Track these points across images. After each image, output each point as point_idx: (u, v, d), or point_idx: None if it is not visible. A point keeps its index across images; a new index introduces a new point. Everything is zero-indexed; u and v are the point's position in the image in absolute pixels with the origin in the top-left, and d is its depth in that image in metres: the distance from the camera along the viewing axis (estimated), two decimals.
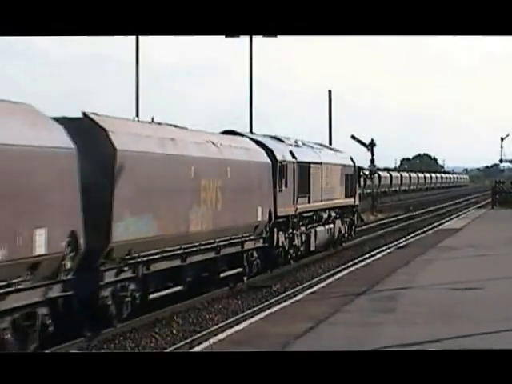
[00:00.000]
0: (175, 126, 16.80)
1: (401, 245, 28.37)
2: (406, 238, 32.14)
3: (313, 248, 24.79)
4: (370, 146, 46.45)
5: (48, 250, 11.35)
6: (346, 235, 29.16)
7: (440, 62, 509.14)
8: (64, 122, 12.39)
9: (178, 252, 15.87)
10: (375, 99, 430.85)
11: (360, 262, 23.52)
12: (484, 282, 16.93)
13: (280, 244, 21.85)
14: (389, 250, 26.45)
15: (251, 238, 19.80)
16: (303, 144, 25.49)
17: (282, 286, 20.39)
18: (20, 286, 10.96)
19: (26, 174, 10.96)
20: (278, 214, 21.35)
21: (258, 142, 21.37)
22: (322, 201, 25.39)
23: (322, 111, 47.94)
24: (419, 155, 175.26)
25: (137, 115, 21.94)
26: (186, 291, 16.40)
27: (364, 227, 36.21)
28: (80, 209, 12.12)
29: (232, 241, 18.52)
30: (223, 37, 35.52)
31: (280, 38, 36.25)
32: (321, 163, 25.68)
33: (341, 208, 27.95)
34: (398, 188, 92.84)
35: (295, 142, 24.78)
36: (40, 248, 11.21)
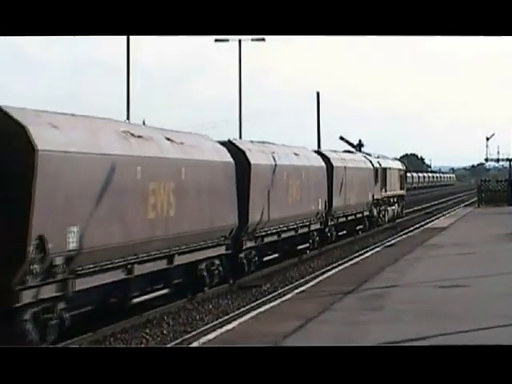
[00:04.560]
0: (335, 151, 33.47)
1: (389, 243, 28.56)
2: (394, 236, 32.36)
3: (386, 220, 39.84)
4: (358, 147, 46.68)
5: (319, 208, 26.93)
6: (400, 214, 44.05)
7: (426, 63, 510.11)
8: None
9: (344, 214, 31.16)
10: (361, 99, 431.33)
11: (349, 260, 23.67)
12: (470, 280, 17.10)
13: (374, 215, 36.97)
14: (377, 249, 26.63)
15: (365, 209, 34.75)
16: (378, 156, 41.14)
17: (271, 285, 20.50)
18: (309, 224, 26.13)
19: (314, 179, 26.33)
20: (375, 198, 36.68)
21: (364, 155, 38.43)
22: (390, 191, 40.81)
23: (310, 112, 48.03)
24: (406, 155, 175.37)
25: (128, 117, 21.95)
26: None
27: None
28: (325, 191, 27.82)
29: (358, 210, 33.68)
30: (212, 41, 35.73)
31: (267, 40, 36.47)
32: (390, 168, 41.45)
33: (397, 196, 43.15)
34: None
35: (374, 154, 40.82)
36: (317, 207, 26.66)
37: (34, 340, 11.90)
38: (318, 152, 30.07)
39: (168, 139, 16.21)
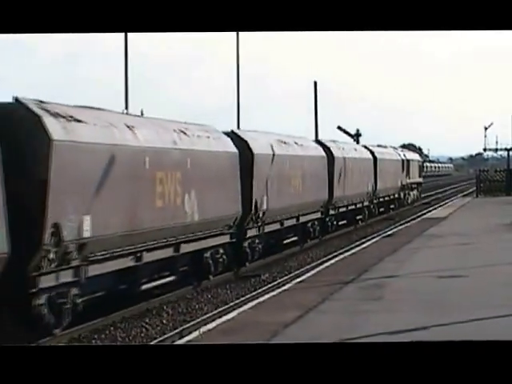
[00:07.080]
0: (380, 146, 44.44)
1: (388, 234, 28.63)
2: (393, 226, 32.43)
3: (409, 202, 48.06)
4: (356, 137, 46.83)
5: (369, 190, 36.83)
6: (419, 197, 52.56)
7: (424, 54, 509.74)
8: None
9: (383, 196, 40.36)
10: (358, 90, 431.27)
11: (348, 250, 23.74)
12: (469, 270, 17.16)
13: (402, 197, 45.70)
14: (376, 239, 26.69)
15: (395, 192, 43.67)
16: (402, 149, 51.04)
17: (270, 275, 20.58)
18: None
19: (366, 167, 36.48)
20: (402, 183, 45.62)
21: (393, 149, 47.11)
22: (413, 178, 49.28)
23: (307, 102, 48.30)
24: (404, 145, 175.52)
25: (126, 108, 22.01)
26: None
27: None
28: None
29: (391, 193, 42.69)
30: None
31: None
32: (412, 160, 50.06)
33: (417, 183, 51.79)
34: None
35: (398, 148, 49.83)
36: (368, 189, 36.56)
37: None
38: (365, 147, 39.38)
39: (296, 143, 26.17)
